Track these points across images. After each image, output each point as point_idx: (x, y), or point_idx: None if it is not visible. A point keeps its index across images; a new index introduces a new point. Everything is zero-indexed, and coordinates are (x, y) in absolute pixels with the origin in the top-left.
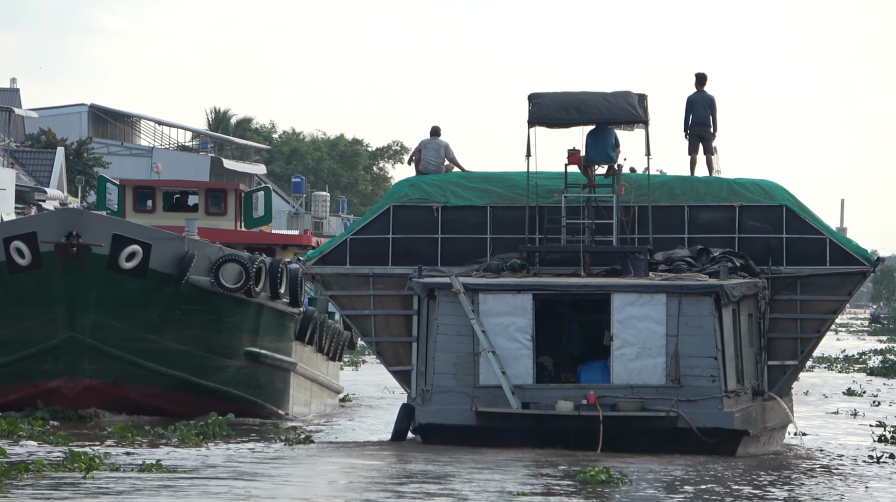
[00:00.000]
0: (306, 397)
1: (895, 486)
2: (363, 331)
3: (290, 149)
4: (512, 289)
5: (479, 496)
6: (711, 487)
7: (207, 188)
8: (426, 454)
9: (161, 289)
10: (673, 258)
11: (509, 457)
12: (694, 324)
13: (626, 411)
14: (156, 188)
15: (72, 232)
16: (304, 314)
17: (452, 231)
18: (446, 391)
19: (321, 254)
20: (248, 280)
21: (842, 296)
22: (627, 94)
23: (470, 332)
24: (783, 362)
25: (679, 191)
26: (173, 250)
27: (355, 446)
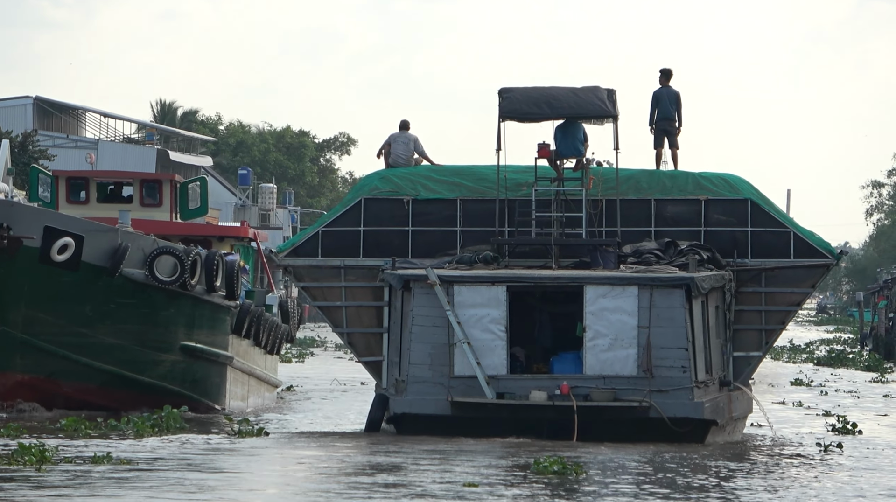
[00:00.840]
0: (243, 391)
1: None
2: (335, 322)
3: (237, 141)
4: (486, 281)
5: (431, 486)
6: (667, 477)
7: (142, 179)
8: (395, 444)
9: (94, 282)
10: (641, 251)
11: (476, 447)
12: (665, 315)
13: (598, 401)
14: (89, 179)
15: (2, 224)
16: (241, 307)
17: (423, 223)
18: (421, 381)
19: (293, 246)
20: (184, 273)
21: (805, 288)
22: (596, 89)
23: (445, 323)
24: (748, 353)
25: (646, 184)
26: (106, 242)
27: (332, 436)
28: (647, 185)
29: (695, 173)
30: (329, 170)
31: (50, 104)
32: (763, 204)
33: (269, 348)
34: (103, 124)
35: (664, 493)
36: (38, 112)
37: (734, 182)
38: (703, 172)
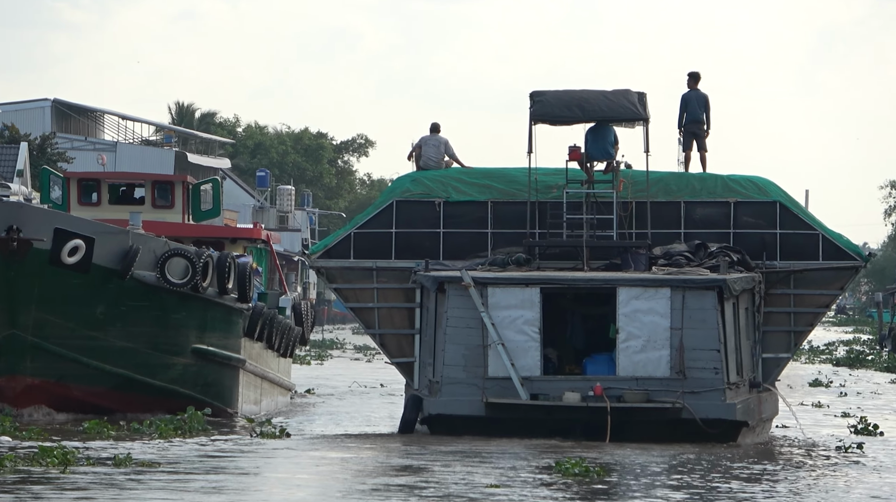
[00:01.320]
0: (256, 395)
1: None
2: (367, 323)
3: (255, 143)
4: (520, 283)
5: (453, 487)
6: (690, 479)
7: (154, 180)
8: (425, 445)
9: (105, 284)
10: (671, 253)
11: (505, 449)
12: (697, 317)
13: (631, 402)
14: (101, 180)
15: (12, 226)
16: (254, 309)
17: (454, 225)
18: (456, 382)
19: (326, 248)
20: (195, 275)
21: (834, 290)
22: (627, 93)
23: (479, 325)
24: (777, 355)
25: (675, 187)
26: (117, 244)
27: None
28: (676, 188)
29: (723, 176)
30: (347, 171)
31: (68, 106)
32: (791, 206)
33: (282, 351)
34: (121, 126)
35: (684, 496)
36: (56, 114)
37: (762, 184)
38: (731, 175)
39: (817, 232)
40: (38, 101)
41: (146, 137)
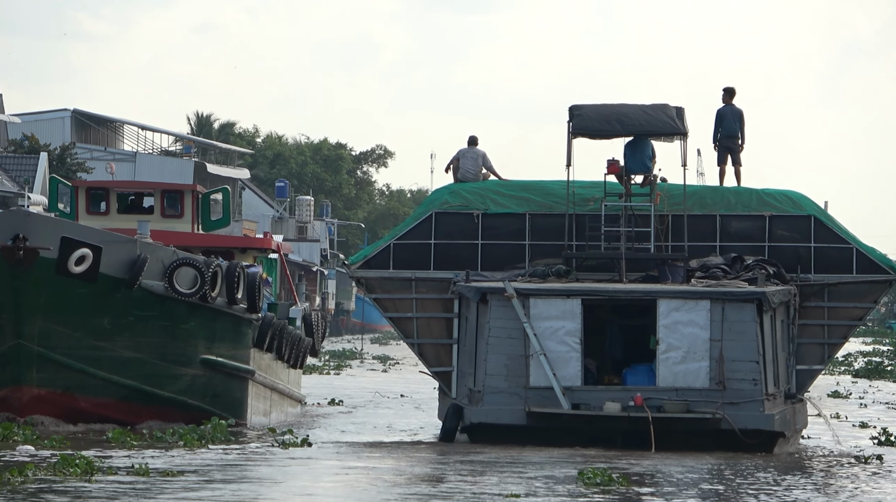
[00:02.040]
0: (265, 406)
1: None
2: (405, 332)
3: (274, 154)
4: (562, 294)
5: (475, 497)
6: (715, 489)
7: (163, 189)
8: (460, 453)
9: (112, 294)
10: (708, 265)
11: (538, 457)
12: (737, 329)
13: (672, 413)
14: (110, 189)
15: (18, 234)
16: (263, 320)
17: (492, 237)
18: (497, 392)
19: (366, 258)
20: (204, 284)
21: (867, 303)
22: (666, 107)
23: (520, 335)
24: (811, 366)
25: (710, 200)
26: (125, 253)
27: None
28: (711, 201)
29: (758, 189)
30: (366, 182)
31: (88, 117)
32: (826, 220)
33: (292, 362)
34: (141, 137)
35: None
36: (76, 125)
37: (797, 198)
38: (765, 189)
39: (851, 245)
40: (57, 111)
41: (165, 148)
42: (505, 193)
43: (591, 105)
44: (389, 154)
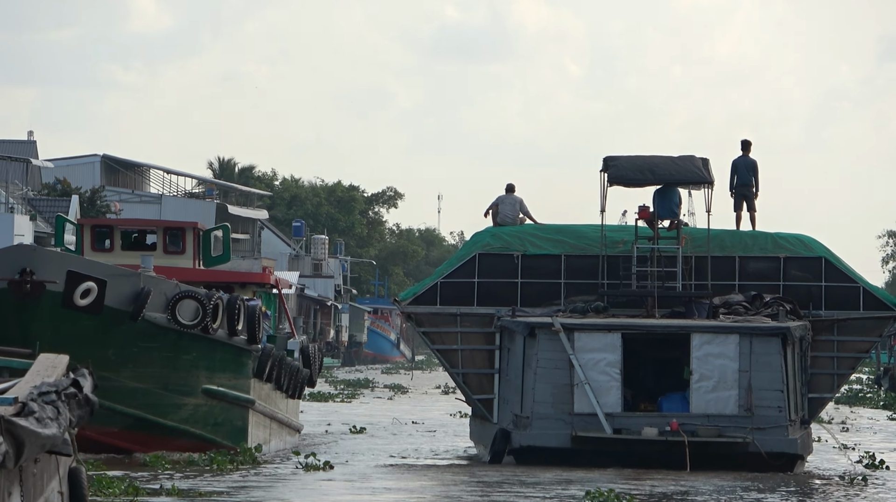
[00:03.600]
0: (265, 435)
1: None
2: (451, 363)
3: (291, 196)
4: (603, 329)
5: None
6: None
7: (165, 227)
8: (498, 472)
9: (117, 326)
10: (730, 302)
11: (588, 476)
12: (763, 360)
13: (705, 437)
14: (114, 227)
15: (25, 268)
16: (263, 351)
17: (530, 276)
18: (544, 417)
19: (415, 296)
20: (206, 316)
21: (873, 337)
22: (692, 158)
23: (566, 366)
24: (822, 395)
25: (729, 243)
26: (129, 287)
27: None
28: (730, 244)
29: (772, 233)
30: (377, 222)
31: (116, 161)
32: (835, 261)
33: (291, 392)
34: (166, 180)
35: None
36: (105, 169)
37: (808, 242)
38: (779, 233)
39: (858, 285)
40: (88, 156)
41: (189, 190)
42: (541, 236)
43: (624, 156)
44: (399, 195)
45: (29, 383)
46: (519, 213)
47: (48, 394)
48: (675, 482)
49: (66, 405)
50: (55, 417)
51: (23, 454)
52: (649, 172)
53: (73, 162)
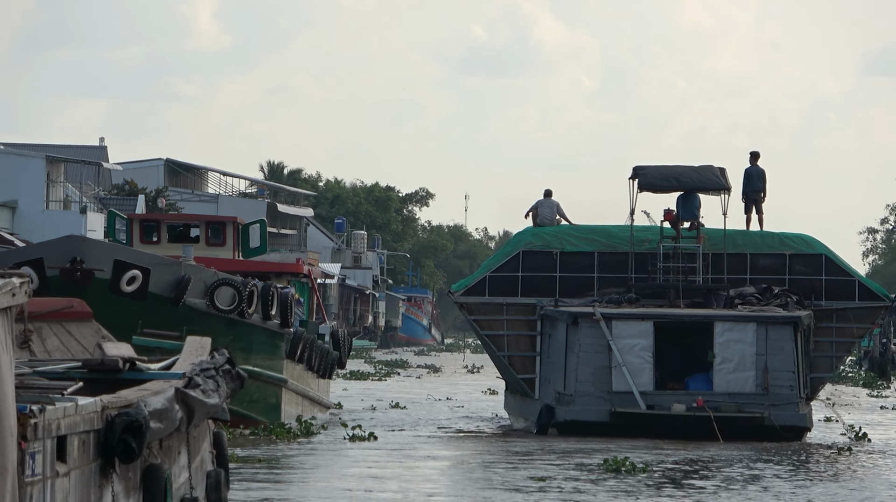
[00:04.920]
0: (297, 411)
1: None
2: (498, 347)
3: (334, 195)
4: (638, 318)
5: (505, 481)
6: (721, 472)
7: (208, 221)
8: (536, 442)
9: (160, 310)
10: (744, 294)
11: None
12: (777, 345)
13: (727, 412)
14: (161, 221)
15: (76, 257)
16: (295, 334)
17: (567, 271)
18: (586, 395)
19: (466, 287)
20: (241, 302)
21: (867, 324)
22: (711, 168)
23: (605, 350)
24: (822, 374)
25: (741, 242)
26: (171, 275)
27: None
28: (742, 243)
29: (778, 233)
30: (411, 219)
31: (178, 165)
32: (833, 258)
33: (321, 372)
34: (223, 181)
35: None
36: (168, 171)
37: (810, 240)
38: (784, 232)
39: (854, 278)
40: (153, 160)
41: (243, 190)
42: (576, 235)
43: (652, 166)
44: (430, 195)
45: (186, 361)
46: (556, 215)
47: (209, 371)
48: (697, 452)
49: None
50: (216, 389)
51: (193, 419)
52: (675, 180)
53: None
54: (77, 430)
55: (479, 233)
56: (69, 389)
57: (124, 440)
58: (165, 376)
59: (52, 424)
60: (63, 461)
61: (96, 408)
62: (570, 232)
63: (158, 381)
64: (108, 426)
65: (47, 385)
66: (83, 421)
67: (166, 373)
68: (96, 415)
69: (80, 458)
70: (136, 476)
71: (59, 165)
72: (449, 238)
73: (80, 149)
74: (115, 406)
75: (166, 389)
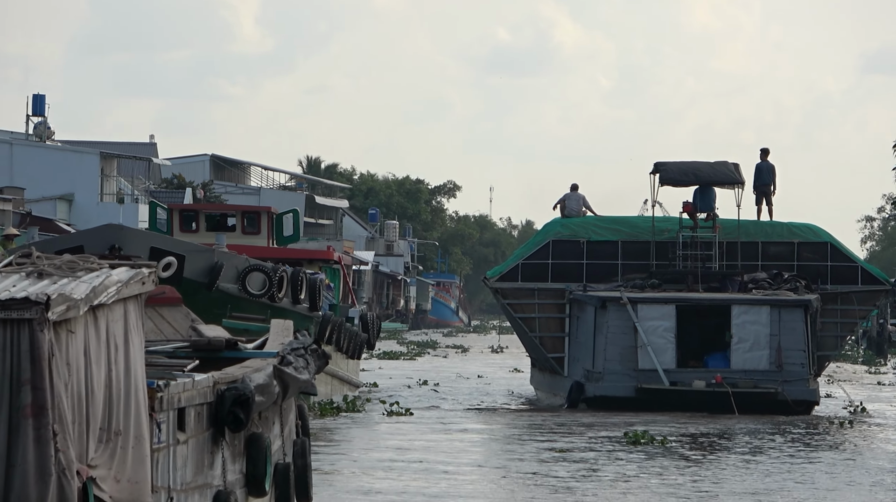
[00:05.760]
0: (327, 390)
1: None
2: (530, 328)
3: (367, 188)
4: (661, 301)
5: (527, 453)
6: (729, 442)
7: (243, 211)
8: (563, 416)
9: (194, 295)
10: (756, 279)
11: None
12: (789, 326)
13: (744, 388)
14: (199, 211)
15: (114, 245)
16: (324, 317)
17: (593, 258)
18: (614, 372)
19: (500, 274)
20: (272, 287)
21: (869, 306)
22: (726, 163)
23: (631, 331)
24: (827, 353)
25: (753, 231)
26: (205, 261)
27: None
28: (754, 232)
29: (786, 223)
30: (439, 209)
31: (223, 160)
32: (838, 245)
33: (350, 353)
34: (264, 175)
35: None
36: (213, 166)
37: (816, 230)
38: (792, 222)
39: (857, 264)
40: (199, 155)
41: (283, 183)
42: (601, 226)
43: (672, 162)
44: (458, 187)
45: (275, 341)
46: (582, 207)
47: (298, 350)
48: (716, 424)
49: (311, 357)
50: (306, 366)
51: (287, 393)
52: (693, 175)
53: (186, 160)
54: (194, 403)
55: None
56: (188, 367)
57: (233, 411)
58: (262, 355)
59: (175, 397)
60: (182, 430)
61: (209, 384)
62: (595, 222)
63: (256, 360)
64: (219, 399)
65: (168, 362)
66: (199, 395)
67: (262, 352)
68: (209, 390)
69: (196, 428)
70: (241, 443)
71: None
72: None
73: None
74: (225, 381)
75: (266, 367)
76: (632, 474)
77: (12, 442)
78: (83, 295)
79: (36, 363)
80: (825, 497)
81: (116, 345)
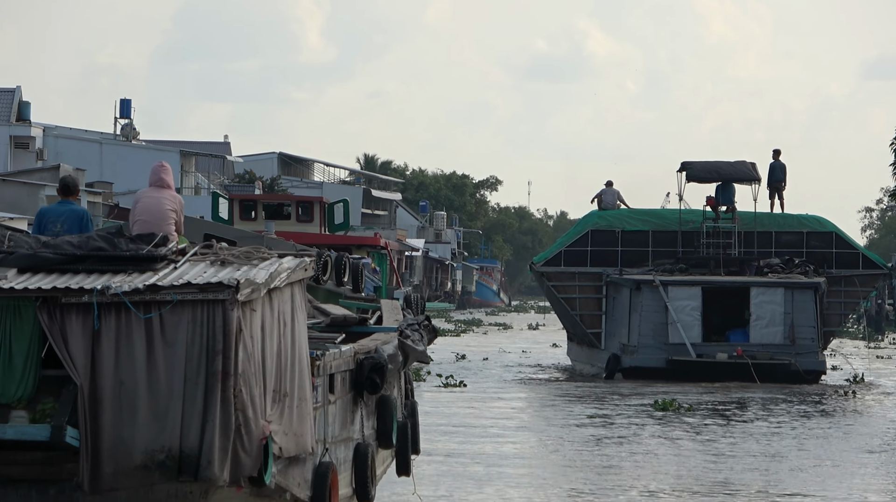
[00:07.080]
0: None
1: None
2: (571, 307)
3: (419, 182)
4: (689, 284)
5: (559, 418)
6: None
7: (298, 200)
8: (603, 386)
9: None
10: (771, 264)
11: (645, 390)
12: (801, 306)
13: (761, 360)
14: (257, 201)
15: None
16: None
17: (627, 246)
18: (647, 346)
19: (545, 259)
20: (316, 270)
21: (869, 288)
22: (744, 162)
23: (662, 309)
24: (832, 328)
25: (767, 222)
26: None
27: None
28: (768, 223)
29: (796, 215)
30: (483, 202)
31: (289, 157)
32: (841, 234)
33: None
34: (326, 171)
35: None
36: (280, 163)
37: (822, 221)
38: (801, 214)
39: (858, 251)
40: (268, 153)
41: (343, 178)
42: (634, 217)
43: (697, 161)
44: (499, 182)
45: (390, 318)
46: (616, 201)
47: (414, 325)
48: (736, 393)
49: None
50: (421, 339)
51: (407, 362)
52: (715, 173)
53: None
54: (340, 369)
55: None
56: (338, 339)
57: (371, 377)
58: (384, 330)
59: (328, 365)
60: (332, 392)
61: (351, 354)
62: (628, 214)
63: (381, 334)
64: (358, 367)
65: (319, 335)
66: (344, 363)
67: (384, 328)
68: (351, 358)
69: (342, 390)
70: (373, 404)
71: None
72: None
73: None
74: (363, 351)
75: (392, 339)
76: (659, 436)
77: (207, 401)
78: (263, 279)
79: (227, 337)
80: (834, 448)
81: (285, 321)
